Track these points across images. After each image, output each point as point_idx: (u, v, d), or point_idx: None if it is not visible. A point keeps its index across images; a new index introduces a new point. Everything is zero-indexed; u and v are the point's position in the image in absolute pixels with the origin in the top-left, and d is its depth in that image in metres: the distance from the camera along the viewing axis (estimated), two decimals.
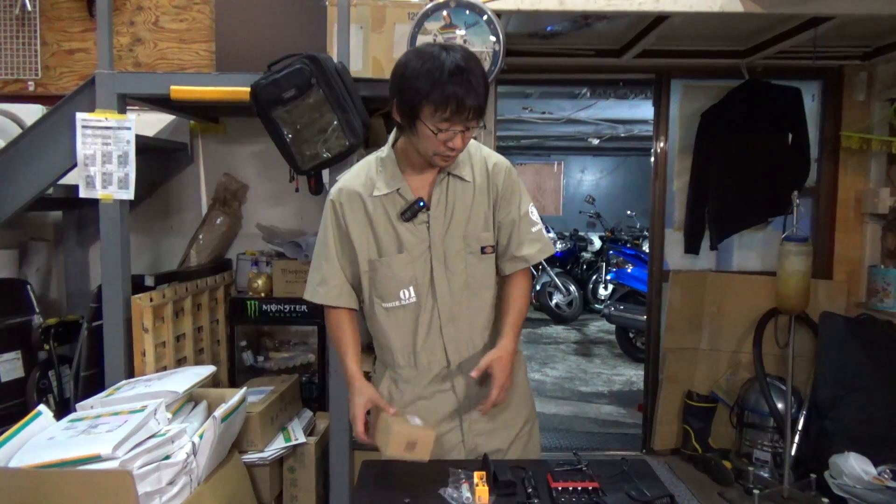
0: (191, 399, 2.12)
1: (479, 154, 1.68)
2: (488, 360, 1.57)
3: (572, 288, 7.56)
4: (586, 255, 8.15)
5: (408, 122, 1.51)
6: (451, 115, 1.45)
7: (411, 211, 1.59)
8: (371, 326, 1.72)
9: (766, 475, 3.18)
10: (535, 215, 1.70)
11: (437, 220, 1.61)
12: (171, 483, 1.76)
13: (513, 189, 1.67)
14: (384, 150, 1.65)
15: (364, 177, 1.64)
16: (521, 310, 1.67)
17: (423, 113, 1.47)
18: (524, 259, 1.66)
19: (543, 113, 6.54)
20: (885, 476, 2.69)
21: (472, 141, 1.66)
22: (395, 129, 1.64)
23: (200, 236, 3.07)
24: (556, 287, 7.51)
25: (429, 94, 1.44)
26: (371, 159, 1.67)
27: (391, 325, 1.65)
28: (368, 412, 1.58)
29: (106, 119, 2.28)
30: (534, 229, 1.68)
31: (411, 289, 1.61)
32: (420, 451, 1.47)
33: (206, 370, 2.21)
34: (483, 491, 1.38)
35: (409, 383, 1.67)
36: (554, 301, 7.50)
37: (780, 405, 3.17)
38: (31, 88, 3.08)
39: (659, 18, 2.79)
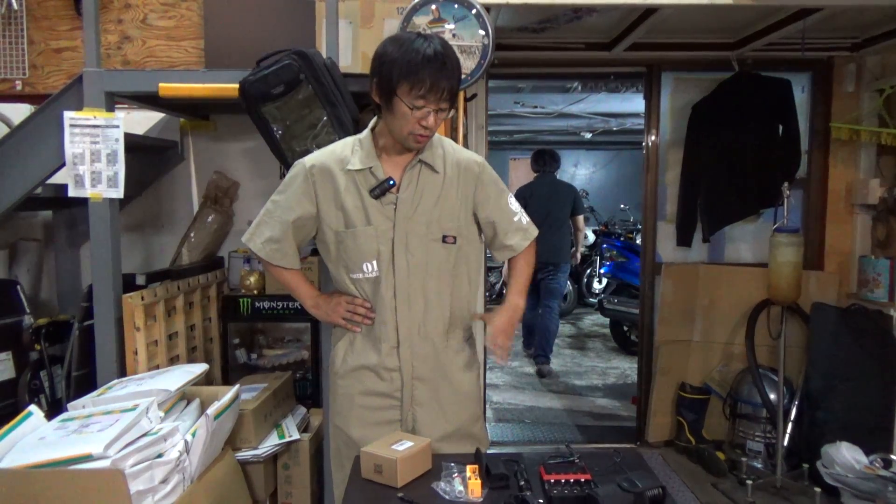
0: (183, 397, 2.11)
1: (453, 152, 1.77)
2: (493, 313, 1.76)
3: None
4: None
5: (386, 100, 1.61)
6: (425, 93, 1.55)
7: (381, 188, 1.67)
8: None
9: (759, 465, 3.21)
10: (514, 205, 1.83)
11: (404, 203, 1.69)
12: (164, 481, 1.75)
13: (488, 186, 1.78)
14: (363, 133, 1.75)
15: (339, 153, 1.73)
16: (527, 277, 1.84)
17: (401, 89, 1.56)
18: (511, 248, 1.82)
19: (535, 107, 6.55)
20: (877, 465, 2.71)
21: (448, 139, 1.79)
22: (375, 116, 1.74)
23: (192, 234, 3.05)
24: None
25: (406, 73, 1.55)
26: (349, 139, 1.77)
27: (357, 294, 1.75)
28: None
29: (94, 117, 2.26)
30: (515, 219, 1.82)
31: (374, 263, 1.69)
32: (387, 476, 1.46)
33: (199, 368, 2.20)
34: (475, 484, 1.38)
35: (364, 350, 1.74)
36: None
37: (772, 396, 3.18)
38: (19, 88, 3.05)
39: (648, 11, 2.79)
